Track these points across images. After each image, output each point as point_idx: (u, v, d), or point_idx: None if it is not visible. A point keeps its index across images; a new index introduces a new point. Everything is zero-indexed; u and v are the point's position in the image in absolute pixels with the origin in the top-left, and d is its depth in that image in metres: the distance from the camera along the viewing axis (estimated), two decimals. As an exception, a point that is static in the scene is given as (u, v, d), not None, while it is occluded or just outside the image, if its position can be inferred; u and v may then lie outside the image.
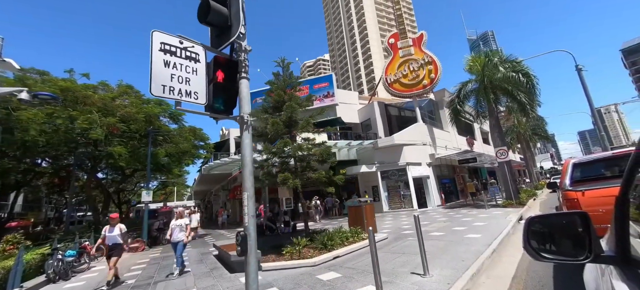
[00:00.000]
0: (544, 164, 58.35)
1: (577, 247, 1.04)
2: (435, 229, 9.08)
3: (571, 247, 1.09)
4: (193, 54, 2.40)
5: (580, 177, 5.07)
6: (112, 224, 6.68)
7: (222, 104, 2.54)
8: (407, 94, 21.18)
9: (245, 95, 2.64)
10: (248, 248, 2.28)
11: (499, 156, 14.46)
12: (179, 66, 2.28)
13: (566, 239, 1.13)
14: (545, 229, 1.19)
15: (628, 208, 1.00)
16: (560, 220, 1.22)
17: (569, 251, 1.09)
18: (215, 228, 22.92)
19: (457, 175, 23.74)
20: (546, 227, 1.20)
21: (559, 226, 1.19)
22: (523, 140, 33.62)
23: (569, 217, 1.16)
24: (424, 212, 16.27)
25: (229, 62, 2.64)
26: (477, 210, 13.53)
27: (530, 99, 15.77)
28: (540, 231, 1.18)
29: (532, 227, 1.18)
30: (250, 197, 2.43)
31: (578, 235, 1.04)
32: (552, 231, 1.17)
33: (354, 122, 25.17)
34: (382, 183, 18.66)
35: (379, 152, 19.07)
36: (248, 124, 2.56)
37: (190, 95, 2.30)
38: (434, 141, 20.90)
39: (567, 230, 1.13)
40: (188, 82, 2.30)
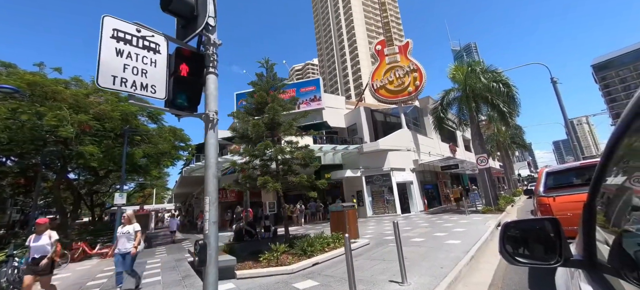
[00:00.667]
0: (521, 171, 60.76)
1: (549, 252, 1.08)
2: (417, 235, 9.09)
3: (543, 252, 1.13)
4: (152, 44, 2.19)
5: (553, 185, 5.53)
6: (39, 231, 5.05)
7: (186, 100, 2.34)
8: (393, 100, 21.45)
9: (212, 91, 2.45)
10: (208, 258, 2.08)
11: (480, 163, 14.81)
12: (135, 56, 2.07)
13: (539, 244, 1.17)
14: (519, 234, 1.23)
15: (595, 215, 1.05)
16: (534, 226, 1.26)
17: (542, 256, 1.13)
18: (195, 232, 22.16)
19: (439, 181, 24.18)
20: (521, 232, 1.24)
21: (533, 232, 1.23)
22: (502, 148, 34.89)
23: (541, 223, 1.20)
24: (407, 217, 16.39)
25: (194, 55, 2.45)
26: (458, 216, 13.74)
27: (510, 108, 16.34)
28: (515, 236, 1.22)
29: (508, 233, 1.22)
30: (212, 203, 2.24)
31: (550, 240, 1.09)
32: (526, 236, 1.22)
33: (340, 126, 25.20)
34: (366, 188, 18.68)
35: (364, 157, 19.12)
36: (214, 122, 2.37)
37: (147, 88, 2.09)
38: (417, 147, 21.22)
39: (540, 235, 1.17)
40: (145, 74, 2.09)
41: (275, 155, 7.82)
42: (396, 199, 18.04)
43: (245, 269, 6.06)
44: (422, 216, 16.04)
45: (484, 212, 13.92)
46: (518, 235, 1.23)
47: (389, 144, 18.99)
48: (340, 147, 19.11)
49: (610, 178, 1.01)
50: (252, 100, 8.58)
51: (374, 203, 18.76)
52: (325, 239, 8.01)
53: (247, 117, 8.37)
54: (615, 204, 0.99)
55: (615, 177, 1.00)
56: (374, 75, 22.10)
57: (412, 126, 23.01)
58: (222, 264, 5.59)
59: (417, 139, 21.50)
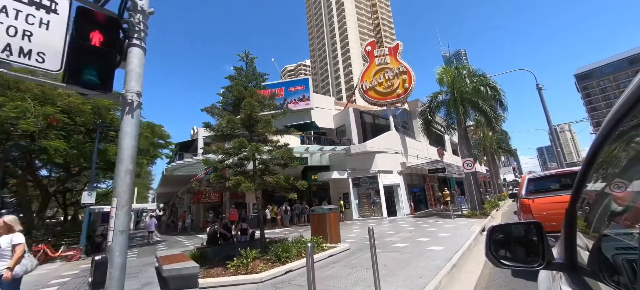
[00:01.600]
0: (507, 176, 61.97)
1: (532, 255, 1.11)
2: (400, 240, 8.76)
3: (527, 255, 1.15)
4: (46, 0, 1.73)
5: (533, 189, 6.18)
6: None
7: (97, 76, 1.87)
8: (382, 102, 21.24)
9: (135, 68, 1.99)
10: (108, 278, 1.60)
11: (466, 167, 14.70)
12: (14, 13, 1.60)
13: (523, 247, 1.18)
14: (505, 237, 1.25)
15: (575, 219, 1.09)
16: (519, 230, 1.26)
17: (525, 259, 1.15)
18: (176, 234, 21.30)
19: (427, 185, 24.12)
20: (506, 235, 1.26)
21: (517, 235, 1.25)
22: (489, 153, 35.34)
23: (525, 226, 1.21)
24: (393, 220, 16.12)
25: (111, 21, 1.98)
26: (443, 220, 13.55)
27: (496, 114, 16.36)
28: (500, 240, 1.24)
29: (494, 236, 1.24)
30: (121, 206, 1.77)
31: (533, 243, 1.12)
32: (511, 240, 1.24)
33: (329, 127, 24.85)
34: (353, 190, 18.34)
35: (351, 159, 18.79)
36: (134, 106, 1.92)
37: (30, 55, 1.62)
38: (405, 150, 21.06)
39: (524, 239, 1.19)
40: (29, 36, 1.63)
41: (250, 153, 7.32)
42: (383, 201, 17.76)
43: (211, 276, 5.55)
44: (408, 220, 15.80)
45: (469, 216, 13.79)
46: (503, 238, 1.25)
47: (376, 146, 18.73)
48: (327, 147, 18.72)
49: (591, 184, 1.05)
50: (229, 95, 8.06)
51: (360, 206, 18.44)
52: (304, 243, 7.57)
53: (223, 113, 7.84)
54: (595, 209, 1.02)
55: (595, 183, 1.04)
56: (363, 76, 21.86)
57: (401, 129, 22.88)
58: (182, 272, 5.08)
59: (405, 142, 21.35)
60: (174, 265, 5.21)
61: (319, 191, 22.06)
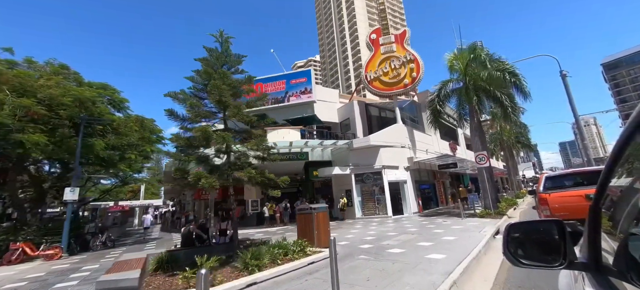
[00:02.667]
0: (526, 172, 58.61)
1: (553, 254, 1.07)
2: (398, 244, 7.64)
3: (547, 254, 1.10)
4: None
5: (550, 186, 6.98)
6: None
7: None
8: (387, 93, 19.91)
9: None
10: None
11: (479, 161, 13.28)
12: None
13: (543, 245, 1.14)
14: (524, 235, 1.22)
15: (600, 218, 1.06)
16: (538, 228, 1.24)
17: (546, 258, 1.10)
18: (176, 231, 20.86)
19: (437, 181, 22.62)
20: (525, 233, 1.23)
21: (537, 233, 1.22)
22: (506, 148, 33.08)
23: (545, 224, 1.18)
24: (397, 219, 14.93)
25: None
26: (452, 220, 12.26)
27: (514, 103, 14.73)
28: (519, 238, 1.20)
29: (512, 234, 1.21)
30: None
31: (554, 242, 1.08)
32: (530, 238, 1.21)
33: (333, 121, 23.75)
34: (355, 187, 17.22)
35: (354, 154, 17.65)
36: None
37: None
38: (413, 144, 19.68)
39: (544, 237, 1.15)
40: None
41: (220, 144, 6.39)
42: (387, 199, 16.56)
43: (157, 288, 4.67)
44: (414, 219, 14.56)
45: (482, 216, 12.41)
46: (522, 237, 1.21)
47: (381, 139, 17.49)
48: (327, 142, 17.65)
49: (617, 180, 1.02)
50: (198, 78, 7.14)
51: (363, 203, 17.31)
52: (284, 248, 6.63)
53: (189, 98, 6.94)
54: (622, 206, 0.99)
55: (622, 178, 1.01)
56: (367, 66, 20.58)
57: (409, 122, 21.45)
58: (120, 284, 4.22)
59: (413, 136, 19.95)
60: (112, 276, 4.36)
61: (322, 188, 21.09)
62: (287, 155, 18.17)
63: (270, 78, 23.58)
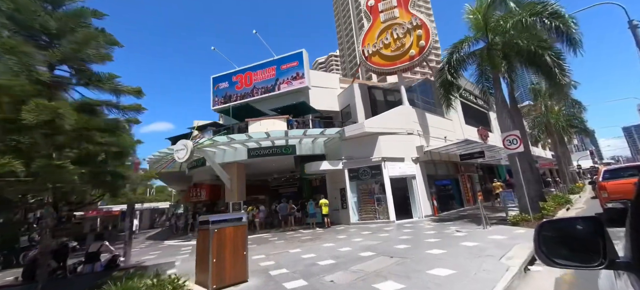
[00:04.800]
0: (582, 162, 49.63)
1: (591, 253, 1.01)
2: (349, 281, 4.51)
3: (585, 253, 1.03)
4: None
5: (608, 177, 8.73)
6: None
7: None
8: (390, 69, 16.31)
9: None
10: None
11: (508, 145, 9.41)
12: None
13: (580, 244, 1.09)
14: (557, 234, 1.17)
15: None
16: (573, 225, 1.14)
17: (583, 257, 1.04)
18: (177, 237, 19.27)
19: (462, 176, 18.39)
20: (559, 232, 1.18)
21: (572, 231, 1.14)
22: (554, 133, 26.95)
23: (581, 222, 1.10)
24: (400, 226, 11.51)
25: None
26: (470, 229, 8.67)
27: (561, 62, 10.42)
28: (552, 237, 1.15)
29: (544, 232, 1.16)
30: None
31: (592, 240, 1.03)
32: (564, 236, 1.15)
33: (333, 109, 20.66)
34: (349, 184, 14.02)
35: (348, 144, 14.45)
36: None
37: None
38: (426, 130, 15.87)
39: (580, 235, 1.09)
40: None
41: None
42: (389, 199, 13.13)
43: None
44: (421, 226, 11.02)
45: (515, 222, 8.60)
46: (556, 235, 1.16)
47: (380, 125, 14.05)
48: (313, 131, 14.64)
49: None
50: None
51: (360, 205, 14.03)
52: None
53: None
54: None
55: None
56: (365, 39, 17.13)
57: (421, 104, 17.56)
58: None
59: (425, 120, 16.13)
60: None
61: (322, 186, 18.09)
62: (270, 150, 15.54)
63: (258, 66, 21.14)
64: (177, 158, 13.17)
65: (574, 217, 1.17)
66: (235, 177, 16.12)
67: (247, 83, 21.13)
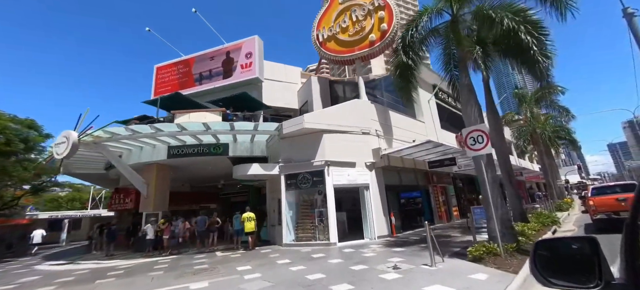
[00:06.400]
0: (570, 176, 47.82)
1: (586, 274, 1.02)
2: None
3: (580, 273, 1.05)
4: None
5: (595, 193, 9.86)
6: None
7: None
8: (346, 56, 13.67)
9: None
10: None
11: (470, 144, 6.70)
12: None
13: (575, 264, 1.10)
14: (553, 253, 1.17)
15: (637, 234, 0.99)
16: (569, 245, 1.18)
17: (578, 277, 1.04)
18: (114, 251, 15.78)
19: (433, 187, 15.68)
20: (554, 251, 1.18)
21: (568, 251, 1.16)
22: (540, 143, 24.65)
23: (577, 241, 1.14)
24: (338, 251, 8.60)
25: None
26: (415, 264, 5.83)
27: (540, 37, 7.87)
28: (548, 256, 1.15)
29: (540, 251, 1.17)
30: None
31: (587, 261, 1.04)
32: (560, 256, 1.16)
33: (292, 107, 17.90)
34: (286, 194, 11.10)
35: (287, 144, 11.62)
36: None
37: None
38: (389, 131, 13.19)
39: (577, 255, 1.11)
40: None
41: None
42: (330, 215, 10.24)
43: None
44: (359, 253, 8.15)
45: (476, 256, 5.79)
46: (551, 254, 1.16)
47: (325, 121, 11.28)
48: (242, 125, 11.73)
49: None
50: None
51: (298, 221, 11.09)
52: None
53: None
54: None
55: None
56: (320, 22, 14.55)
57: (386, 101, 14.93)
58: None
59: (388, 119, 13.48)
60: None
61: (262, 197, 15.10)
62: (195, 148, 12.57)
63: (205, 54, 18.30)
64: (56, 154, 10.11)
65: (571, 237, 1.22)
66: (153, 182, 13.05)
67: (192, 73, 18.25)
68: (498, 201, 6.72)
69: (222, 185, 19.65)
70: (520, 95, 22.75)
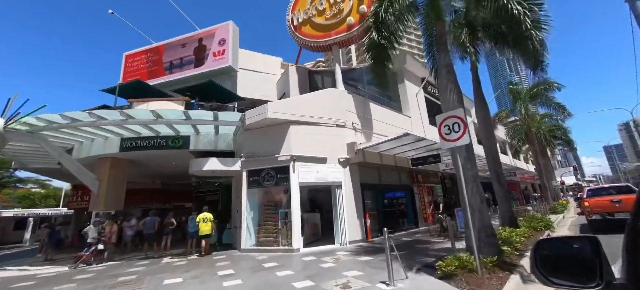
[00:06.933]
0: (565, 178, 46.95)
1: (587, 273, 1.01)
2: None
3: (581, 273, 1.03)
4: None
5: (590, 195, 10.00)
6: None
7: None
8: (322, 41, 12.42)
9: None
10: None
11: (445, 134, 5.50)
12: None
13: (576, 264, 1.08)
14: (554, 252, 1.15)
15: (639, 235, 0.99)
16: (570, 244, 1.17)
17: (580, 278, 1.02)
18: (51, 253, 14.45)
19: (419, 186, 14.49)
20: (556, 251, 1.17)
21: (569, 250, 1.15)
22: (535, 142, 23.52)
23: (579, 241, 1.13)
24: (296, 259, 7.37)
25: None
26: (377, 277, 4.60)
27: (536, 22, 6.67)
28: (549, 255, 1.13)
29: (541, 251, 1.15)
30: None
31: (589, 261, 1.03)
32: (562, 256, 1.14)
33: (271, 99, 16.56)
34: (247, 193, 9.84)
35: (251, 136, 10.37)
36: None
37: None
38: (368, 124, 11.98)
39: (578, 255, 1.10)
40: None
41: None
42: (294, 217, 9.00)
43: None
44: (319, 263, 6.92)
45: (447, 273, 4.57)
46: (553, 254, 1.14)
47: (293, 110, 10.02)
48: (200, 114, 10.43)
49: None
50: None
51: (261, 223, 9.83)
52: None
53: None
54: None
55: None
56: (295, 4, 13.29)
57: (367, 93, 13.68)
58: None
59: (367, 111, 12.27)
60: None
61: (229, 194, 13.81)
62: (151, 141, 11.29)
63: (176, 42, 16.98)
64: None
65: (572, 236, 1.18)
66: (106, 178, 11.74)
67: (163, 61, 16.93)
68: (477, 203, 5.51)
69: (196, 183, 18.35)
70: (515, 91, 21.57)
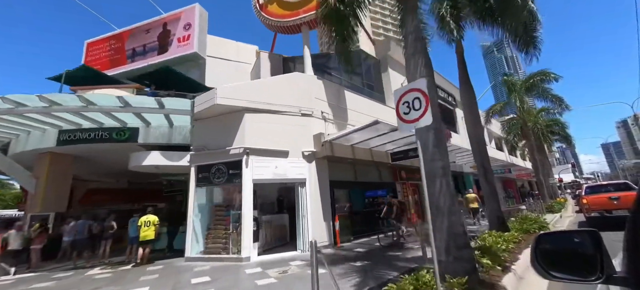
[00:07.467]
0: (563, 175, 45.72)
1: (588, 267, 1.02)
2: None
3: (582, 267, 1.05)
4: None
5: (588, 192, 10.14)
6: None
7: None
8: (290, 21, 11.07)
9: None
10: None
11: (401, 112, 4.14)
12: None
13: (577, 258, 1.10)
14: (554, 247, 1.17)
15: (639, 230, 0.97)
16: (571, 238, 1.17)
17: (580, 271, 1.04)
18: None
19: (403, 184, 13.19)
20: (556, 245, 1.18)
21: (569, 244, 1.16)
22: (531, 137, 22.21)
23: (579, 235, 1.13)
24: (216, 277, 6.03)
25: None
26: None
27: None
28: (549, 249, 1.15)
29: (541, 245, 1.15)
30: None
31: (589, 254, 1.03)
32: (562, 249, 1.16)
33: (244, 91, 15.22)
34: (196, 191, 8.50)
35: (202, 127, 9.01)
36: None
37: None
38: (341, 115, 10.65)
39: (578, 249, 1.10)
40: None
41: None
42: (245, 220, 7.66)
43: None
44: (264, 282, 5.58)
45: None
46: (553, 248, 1.16)
47: (247, 97, 8.66)
48: (140, 101, 9.00)
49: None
50: None
51: (210, 226, 8.49)
52: None
53: None
54: None
55: None
56: (261, -19, 11.86)
57: (343, 80, 12.33)
58: None
59: (341, 100, 10.93)
60: None
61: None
62: (93, 133, 9.90)
63: (138, 28, 15.55)
64: None
65: (573, 230, 1.15)
66: (44, 176, 10.37)
67: (125, 49, 15.52)
68: (446, 204, 4.19)
69: (166, 182, 16.97)
70: (509, 82, 20.25)
